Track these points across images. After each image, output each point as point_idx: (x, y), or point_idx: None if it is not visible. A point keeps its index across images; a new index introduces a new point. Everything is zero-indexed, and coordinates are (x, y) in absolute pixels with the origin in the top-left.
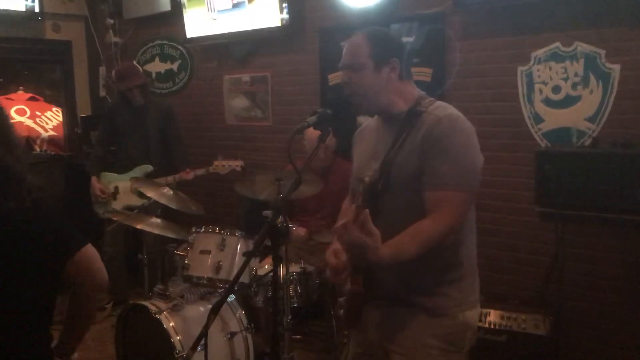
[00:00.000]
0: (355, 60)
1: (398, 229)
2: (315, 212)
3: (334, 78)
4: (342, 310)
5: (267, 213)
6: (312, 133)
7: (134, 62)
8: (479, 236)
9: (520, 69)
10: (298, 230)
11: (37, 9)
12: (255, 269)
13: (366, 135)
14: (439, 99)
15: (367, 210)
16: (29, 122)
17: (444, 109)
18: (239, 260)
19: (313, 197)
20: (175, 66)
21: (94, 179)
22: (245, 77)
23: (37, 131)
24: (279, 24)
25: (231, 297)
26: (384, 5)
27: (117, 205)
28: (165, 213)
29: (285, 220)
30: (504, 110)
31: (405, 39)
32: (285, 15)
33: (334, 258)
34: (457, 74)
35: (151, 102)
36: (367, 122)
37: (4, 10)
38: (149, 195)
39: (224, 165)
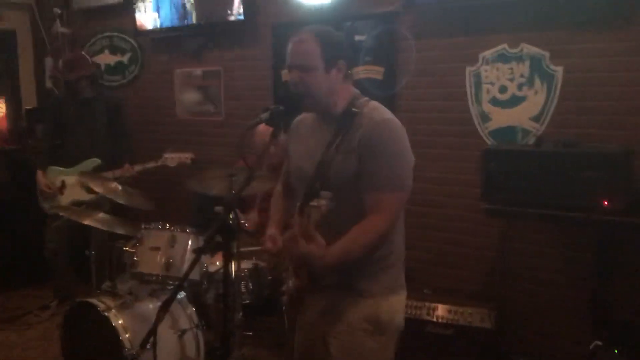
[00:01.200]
0: (306, 61)
1: (337, 228)
2: (267, 207)
3: (287, 74)
4: (285, 298)
5: (219, 209)
6: (264, 129)
7: (83, 52)
8: (426, 231)
9: (468, 69)
10: (250, 217)
11: None
12: (206, 266)
13: (302, 130)
14: (392, 97)
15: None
16: None
17: (379, 112)
18: (189, 256)
19: (265, 194)
20: (125, 59)
21: (39, 173)
22: (197, 72)
23: None
24: (232, 18)
25: (181, 294)
26: (337, 3)
27: (64, 200)
28: (114, 208)
29: (236, 216)
30: (452, 109)
31: (357, 37)
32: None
33: (271, 243)
34: (408, 72)
35: (99, 95)
36: (302, 116)
37: None
38: (96, 190)
39: (172, 157)
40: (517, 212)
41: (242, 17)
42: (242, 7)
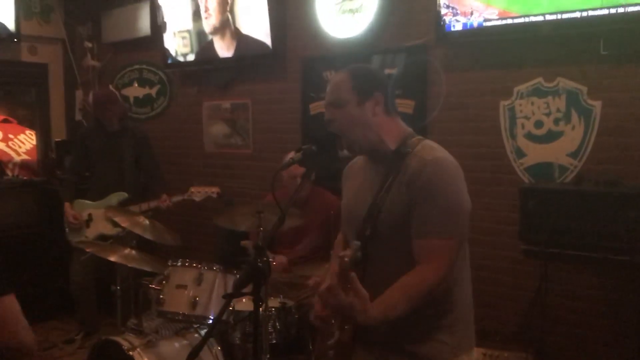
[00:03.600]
0: (338, 97)
1: (387, 276)
2: (294, 244)
3: (315, 107)
4: (331, 352)
5: (245, 243)
6: (294, 167)
7: (112, 89)
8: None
9: (502, 103)
10: (278, 259)
11: (13, 31)
12: (233, 305)
13: (353, 174)
14: (420, 131)
15: (354, 273)
16: (1, 145)
17: (430, 150)
18: (216, 295)
19: (292, 229)
20: (154, 91)
21: (67, 204)
22: (226, 104)
23: (9, 155)
24: (261, 51)
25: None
26: (367, 37)
27: (90, 233)
28: (140, 243)
29: (267, 258)
30: (485, 143)
31: (387, 71)
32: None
33: (320, 307)
34: (439, 106)
35: (126, 128)
36: (356, 158)
37: None
38: (123, 225)
39: (199, 191)
40: (556, 254)
41: (271, 50)
42: (271, 40)
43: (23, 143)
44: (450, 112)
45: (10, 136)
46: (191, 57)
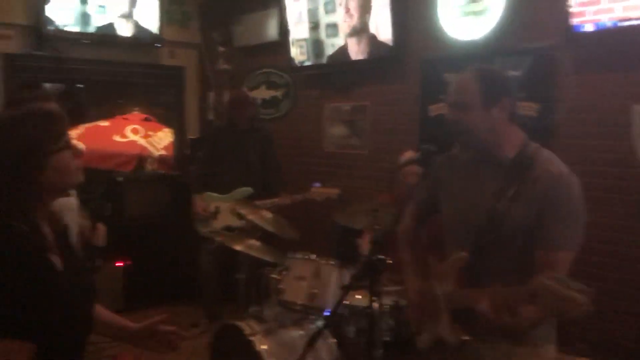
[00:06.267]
0: (464, 99)
1: (503, 282)
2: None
3: (435, 109)
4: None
5: (361, 242)
6: (410, 166)
7: (247, 91)
8: (583, 281)
9: (635, 107)
10: None
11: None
12: (349, 299)
13: (457, 170)
14: (546, 135)
15: None
16: (142, 142)
17: (555, 164)
18: (333, 290)
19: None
20: (279, 93)
21: (196, 197)
22: (346, 106)
23: (149, 150)
24: (380, 54)
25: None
26: (490, 38)
27: (217, 224)
28: (263, 235)
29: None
30: (614, 149)
31: (511, 73)
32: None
33: (418, 299)
34: (565, 110)
35: (255, 128)
36: (453, 152)
37: (130, 37)
38: (249, 217)
39: (320, 192)
40: None
41: (392, 52)
42: (392, 42)
43: (161, 140)
44: (577, 115)
45: (150, 133)
46: (308, 63)
